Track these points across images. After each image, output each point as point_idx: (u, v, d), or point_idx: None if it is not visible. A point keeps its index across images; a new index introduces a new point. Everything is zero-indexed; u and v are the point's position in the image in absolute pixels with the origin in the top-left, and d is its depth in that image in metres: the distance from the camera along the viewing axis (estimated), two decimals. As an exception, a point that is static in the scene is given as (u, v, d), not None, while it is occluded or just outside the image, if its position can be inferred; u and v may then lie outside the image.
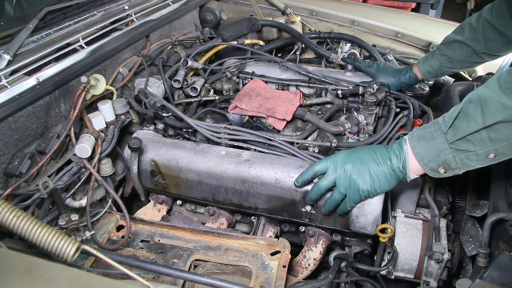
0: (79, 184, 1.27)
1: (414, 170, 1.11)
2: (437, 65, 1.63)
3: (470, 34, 1.50)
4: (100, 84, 1.37)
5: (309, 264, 1.33)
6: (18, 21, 1.74)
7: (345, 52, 2.11)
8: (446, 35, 1.61)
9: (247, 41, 2.05)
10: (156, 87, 1.63)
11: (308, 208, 1.28)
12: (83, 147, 1.23)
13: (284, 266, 1.09)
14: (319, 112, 1.67)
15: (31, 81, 1.22)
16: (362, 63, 1.81)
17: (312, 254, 1.34)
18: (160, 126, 1.55)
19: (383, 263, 1.26)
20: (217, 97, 1.71)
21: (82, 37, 1.48)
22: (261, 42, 2.14)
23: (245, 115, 1.60)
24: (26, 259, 0.80)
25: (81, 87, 1.32)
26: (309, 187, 1.24)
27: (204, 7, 2.40)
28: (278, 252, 1.15)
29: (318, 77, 1.74)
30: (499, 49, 1.48)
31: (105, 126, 1.39)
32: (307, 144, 1.43)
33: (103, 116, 1.38)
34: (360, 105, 1.56)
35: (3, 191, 1.08)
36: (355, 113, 1.56)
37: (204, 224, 1.43)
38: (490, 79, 0.99)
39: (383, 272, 1.25)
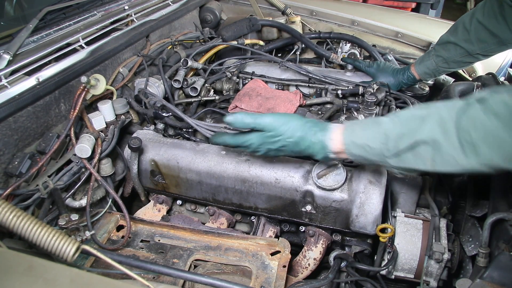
0: (79, 184, 1.27)
1: (339, 157, 1.06)
2: (433, 66, 1.63)
3: (463, 35, 1.50)
4: (100, 84, 1.37)
5: (309, 264, 1.34)
6: (18, 21, 1.74)
7: (345, 52, 2.11)
8: (441, 35, 1.61)
9: (247, 41, 2.05)
10: (156, 87, 1.63)
11: (308, 208, 1.28)
12: (83, 147, 1.23)
13: (284, 266, 1.09)
14: (319, 112, 1.67)
15: (31, 81, 1.22)
16: (362, 63, 1.81)
17: (312, 254, 1.34)
18: (160, 126, 1.55)
19: (383, 263, 1.26)
20: (217, 97, 1.71)
21: (82, 37, 1.48)
22: (261, 42, 2.14)
23: (245, 115, 1.60)
24: (26, 259, 0.80)
25: (81, 87, 1.32)
26: (309, 187, 1.24)
27: (204, 7, 2.40)
28: (278, 252, 1.15)
29: (318, 77, 1.74)
30: (492, 50, 1.47)
31: (105, 126, 1.39)
32: (307, 144, 1.43)
33: (103, 116, 1.39)
34: (360, 105, 1.56)
35: (3, 191, 1.08)
36: (355, 113, 1.56)
37: (204, 224, 1.43)
38: (449, 118, 0.86)
39: (383, 272, 1.25)
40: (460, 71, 1.99)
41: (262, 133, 1.09)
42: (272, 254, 1.14)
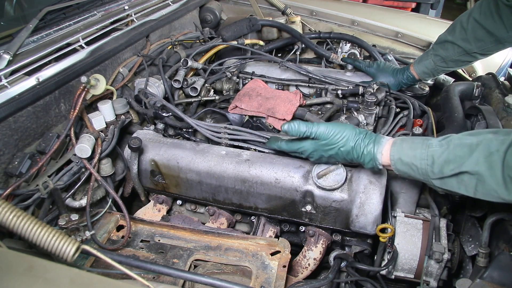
0: (79, 184, 1.27)
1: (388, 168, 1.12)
2: (431, 65, 1.63)
3: (460, 34, 1.50)
4: (100, 84, 1.37)
5: (309, 264, 1.34)
6: (18, 21, 1.74)
7: (345, 52, 2.11)
8: (439, 35, 1.61)
9: (247, 41, 2.05)
10: (156, 87, 1.63)
11: (308, 208, 1.28)
12: (83, 147, 1.23)
13: (284, 266, 1.09)
14: (319, 112, 1.67)
15: (31, 81, 1.22)
16: (362, 63, 1.81)
17: (312, 254, 1.34)
18: (160, 126, 1.55)
19: (383, 263, 1.26)
20: (217, 97, 1.71)
21: (82, 37, 1.48)
22: (261, 42, 2.14)
23: (245, 115, 1.60)
24: (26, 259, 0.80)
25: (81, 87, 1.32)
26: (309, 187, 1.24)
27: (204, 7, 2.40)
28: (278, 252, 1.15)
29: (318, 77, 1.74)
30: (489, 48, 1.47)
31: (105, 126, 1.39)
32: (307, 144, 1.43)
33: (103, 116, 1.39)
34: (360, 105, 1.56)
35: (3, 191, 1.08)
36: (355, 113, 1.56)
37: (204, 224, 1.43)
38: (496, 153, 0.87)
39: (383, 272, 1.25)
40: (460, 71, 1.99)
41: (316, 141, 1.15)
42: (272, 254, 1.14)
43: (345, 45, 2.12)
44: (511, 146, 0.86)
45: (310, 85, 1.76)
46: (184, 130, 1.53)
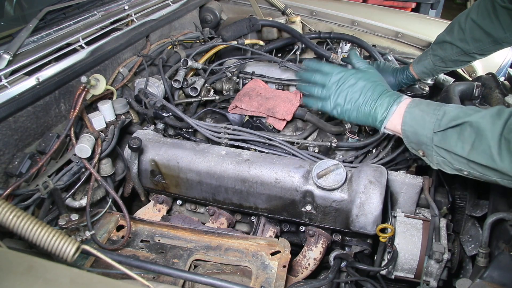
0: (79, 184, 1.27)
1: (392, 128, 1.10)
2: (430, 65, 1.63)
3: (458, 35, 1.50)
4: (100, 84, 1.37)
5: (309, 264, 1.34)
6: (18, 21, 1.75)
7: (345, 52, 2.11)
8: (438, 34, 1.61)
9: (247, 41, 2.04)
10: (156, 87, 1.63)
11: (308, 208, 1.28)
12: (83, 147, 1.23)
13: (284, 266, 1.09)
14: (319, 112, 1.67)
15: (31, 81, 1.22)
16: (362, 63, 1.81)
17: (312, 254, 1.34)
18: (160, 126, 1.55)
19: (383, 263, 1.26)
20: (217, 97, 1.71)
21: (82, 37, 1.48)
22: (261, 42, 2.14)
23: (245, 115, 1.60)
24: (26, 259, 0.80)
25: (81, 87, 1.32)
26: (309, 187, 1.24)
27: (204, 7, 2.40)
28: (278, 252, 1.15)
29: (318, 77, 1.74)
30: (487, 49, 1.47)
31: (105, 126, 1.39)
32: (307, 144, 1.43)
33: (103, 116, 1.39)
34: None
35: (3, 191, 1.08)
36: (355, 113, 1.56)
37: (204, 224, 1.43)
38: (498, 114, 0.90)
39: (383, 272, 1.25)
40: (460, 71, 1.99)
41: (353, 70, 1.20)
42: (272, 254, 1.14)
43: (345, 45, 2.12)
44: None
45: (310, 85, 1.76)
46: (184, 130, 1.53)
